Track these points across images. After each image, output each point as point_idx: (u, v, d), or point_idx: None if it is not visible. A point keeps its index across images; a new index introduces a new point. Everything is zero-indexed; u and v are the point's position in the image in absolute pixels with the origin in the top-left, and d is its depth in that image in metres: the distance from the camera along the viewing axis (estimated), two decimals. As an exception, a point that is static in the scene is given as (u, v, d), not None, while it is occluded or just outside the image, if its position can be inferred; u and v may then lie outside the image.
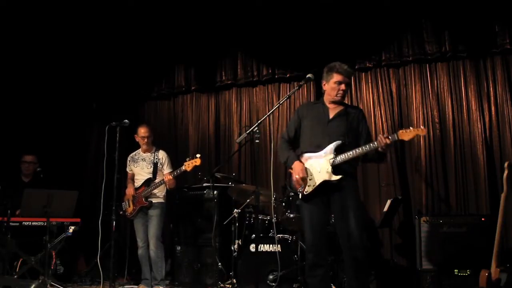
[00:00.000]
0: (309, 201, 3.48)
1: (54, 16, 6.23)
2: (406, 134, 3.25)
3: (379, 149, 3.30)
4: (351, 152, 3.36)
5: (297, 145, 3.70)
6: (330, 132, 3.49)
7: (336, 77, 3.52)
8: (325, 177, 3.40)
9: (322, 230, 3.47)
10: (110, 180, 4.63)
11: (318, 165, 3.45)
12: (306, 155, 3.55)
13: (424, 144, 5.24)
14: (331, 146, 3.43)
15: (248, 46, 6.19)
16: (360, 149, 3.35)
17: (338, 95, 3.54)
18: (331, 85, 3.55)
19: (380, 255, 5.22)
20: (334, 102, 3.61)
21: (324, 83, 3.62)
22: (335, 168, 3.38)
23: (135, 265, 5.41)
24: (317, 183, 3.43)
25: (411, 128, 3.28)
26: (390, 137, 3.26)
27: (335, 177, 3.37)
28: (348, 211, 3.34)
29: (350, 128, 3.50)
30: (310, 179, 3.47)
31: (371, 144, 3.33)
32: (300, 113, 3.72)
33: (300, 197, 3.52)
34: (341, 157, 3.38)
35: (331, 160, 3.40)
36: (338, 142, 3.42)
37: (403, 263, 5.12)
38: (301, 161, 3.52)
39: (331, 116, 3.57)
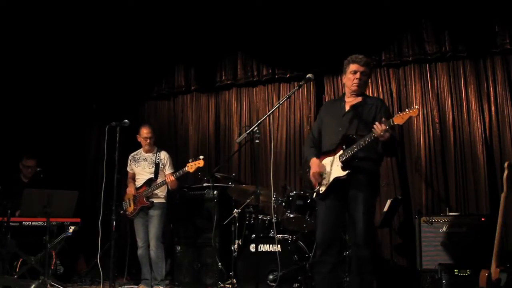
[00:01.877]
0: (325, 199, 3.46)
1: (54, 16, 6.23)
2: (400, 118, 3.15)
3: (379, 138, 3.17)
4: (355, 145, 3.29)
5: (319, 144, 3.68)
6: (343, 126, 3.46)
7: (352, 67, 3.50)
8: (336, 174, 3.38)
9: (333, 228, 3.42)
10: (110, 180, 4.63)
11: (331, 163, 3.43)
12: (324, 154, 3.54)
13: (424, 144, 5.24)
14: (342, 142, 3.39)
15: (248, 46, 6.19)
16: (362, 141, 3.26)
17: (354, 84, 3.49)
18: (348, 76, 3.54)
19: (380, 255, 5.22)
20: (352, 94, 3.56)
21: (343, 77, 3.62)
22: (345, 164, 3.34)
23: (135, 265, 5.41)
24: (330, 181, 3.41)
25: (407, 110, 3.16)
26: (385, 123, 3.13)
27: (343, 173, 3.33)
28: (358, 210, 3.30)
29: (364, 120, 3.41)
30: (324, 178, 3.46)
31: (371, 134, 3.21)
32: (322, 112, 3.76)
33: (314, 196, 3.53)
34: (347, 152, 3.33)
35: (340, 157, 3.37)
36: (346, 136, 3.38)
37: (403, 263, 5.11)
38: (318, 158, 3.53)
39: (346, 109, 3.53)
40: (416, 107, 3.19)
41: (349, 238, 3.40)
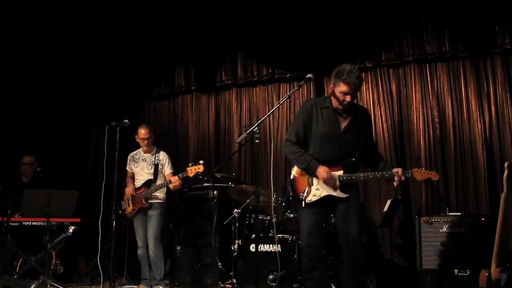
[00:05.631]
0: (310, 207, 3.45)
1: (54, 16, 6.24)
2: (420, 174, 3.37)
3: (394, 182, 3.38)
4: (362, 174, 3.41)
5: (304, 147, 3.54)
6: (341, 146, 3.43)
7: (343, 87, 3.30)
8: (331, 191, 3.40)
9: (318, 232, 3.42)
10: (110, 180, 4.63)
11: None
12: None
13: (424, 144, 5.24)
14: (343, 163, 3.41)
15: (248, 46, 6.19)
16: (371, 174, 3.42)
17: (344, 104, 3.37)
18: (337, 94, 3.36)
19: (380, 255, 5.22)
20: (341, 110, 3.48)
21: (331, 86, 3.41)
22: (345, 185, 3.40)
23: (135, 265, 5.41)
24: (322, 195, 3.41)
25: (429, 172, 3.39)
26: (405, 175, 3.34)
27: (342, 195, 3.38)
28: (350, 217, 3.36)
29: (360, 141, 3.47)
30: (316, 189, 3.44)
31: (385, 173, 3.38)
32: (309, 112, 3.48)
33: (303, 204, 3.45)
34: (351, 176, 3.38)
35: (341, 177, 3.39)
36: (350, 160, 3.42)
37: (403, 263, 5.12)
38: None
39: (342, 126, 3.44)
40: (436, 173, 3.42)
41: (342, 242, 3.37)
